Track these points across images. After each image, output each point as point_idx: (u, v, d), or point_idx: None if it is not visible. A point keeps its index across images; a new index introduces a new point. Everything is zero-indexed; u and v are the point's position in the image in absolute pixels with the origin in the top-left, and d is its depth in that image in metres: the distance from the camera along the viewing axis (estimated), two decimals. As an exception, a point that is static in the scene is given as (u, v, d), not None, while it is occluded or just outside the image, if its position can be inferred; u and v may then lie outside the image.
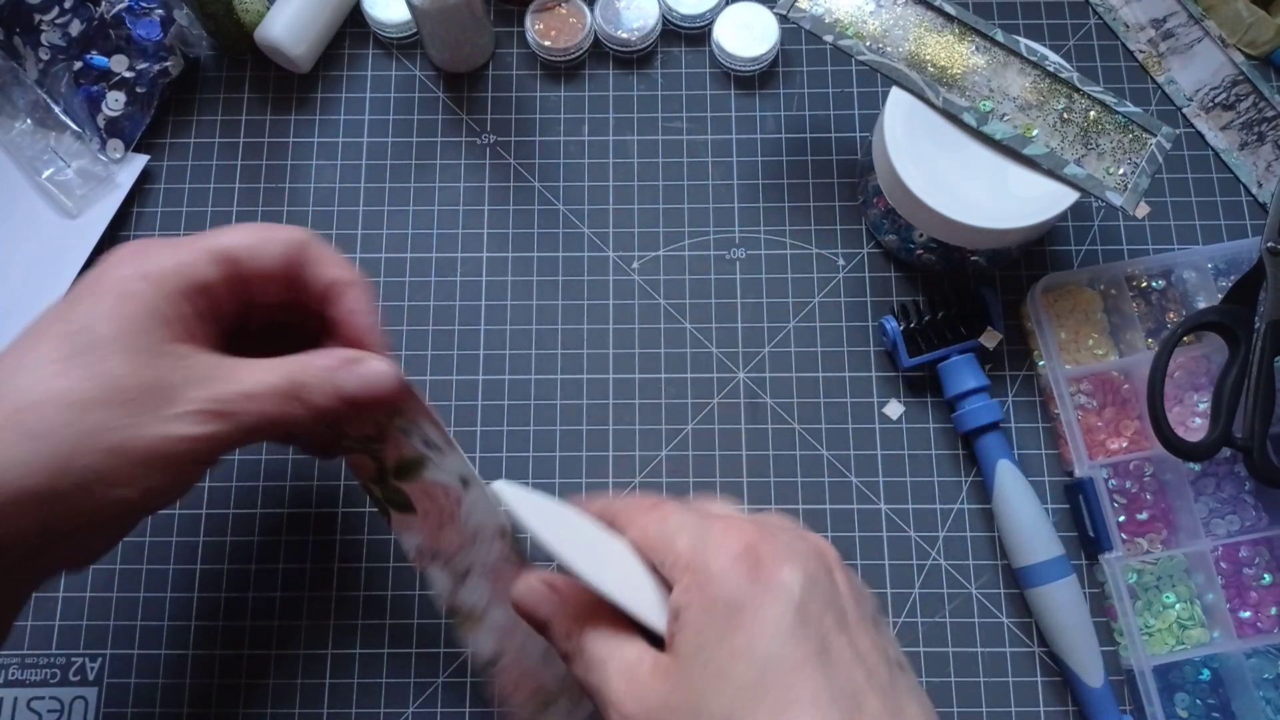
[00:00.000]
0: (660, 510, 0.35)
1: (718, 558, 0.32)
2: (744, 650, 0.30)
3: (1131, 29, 0.57)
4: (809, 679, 0.30)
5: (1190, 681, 0.47)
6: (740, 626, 0.31)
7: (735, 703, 0.30)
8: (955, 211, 0.46)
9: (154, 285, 0.34)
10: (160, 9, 0.54)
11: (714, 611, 0.31)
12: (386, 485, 0.40)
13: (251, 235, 0.37)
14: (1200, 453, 0.46)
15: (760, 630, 0.30)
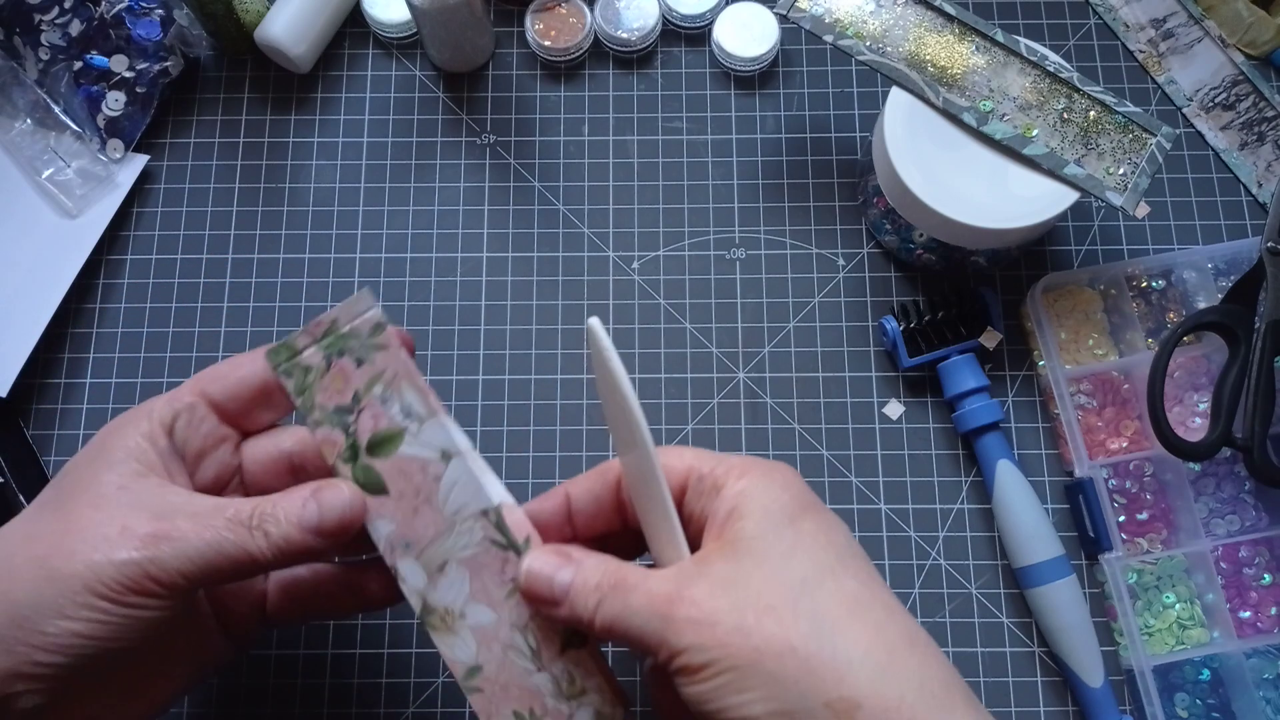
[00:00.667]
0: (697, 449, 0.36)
1: (782, 472, 0.34)
2: (820, 534, 0.32)
3: (1131, 29, 0.57)
4: (875, 572, 0.33)
5: (1190, 681, 0.47)
6: (810, 519, 0.33)
7: (819, 569, 0.31)
8: (955, 211, 0.46)
9: (137, 429, 0.35)
10: (160, 9, 0.54)
11: (780, 505, 0.33)
12: (358, 464, 0.37)
13: (225, 364, 0.38)
14: (1200, 453, 0.46)
15: (831, 526, 0.33)
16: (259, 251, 0.54)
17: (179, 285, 0.54)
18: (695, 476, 0.34)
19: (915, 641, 0.31)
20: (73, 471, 0.35)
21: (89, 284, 0.54)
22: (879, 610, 0.31)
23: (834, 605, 0.31)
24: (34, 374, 0.52)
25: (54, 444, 0.52)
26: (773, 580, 0.31)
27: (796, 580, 0.31)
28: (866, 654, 0.30)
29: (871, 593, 0.31)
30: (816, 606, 0.30)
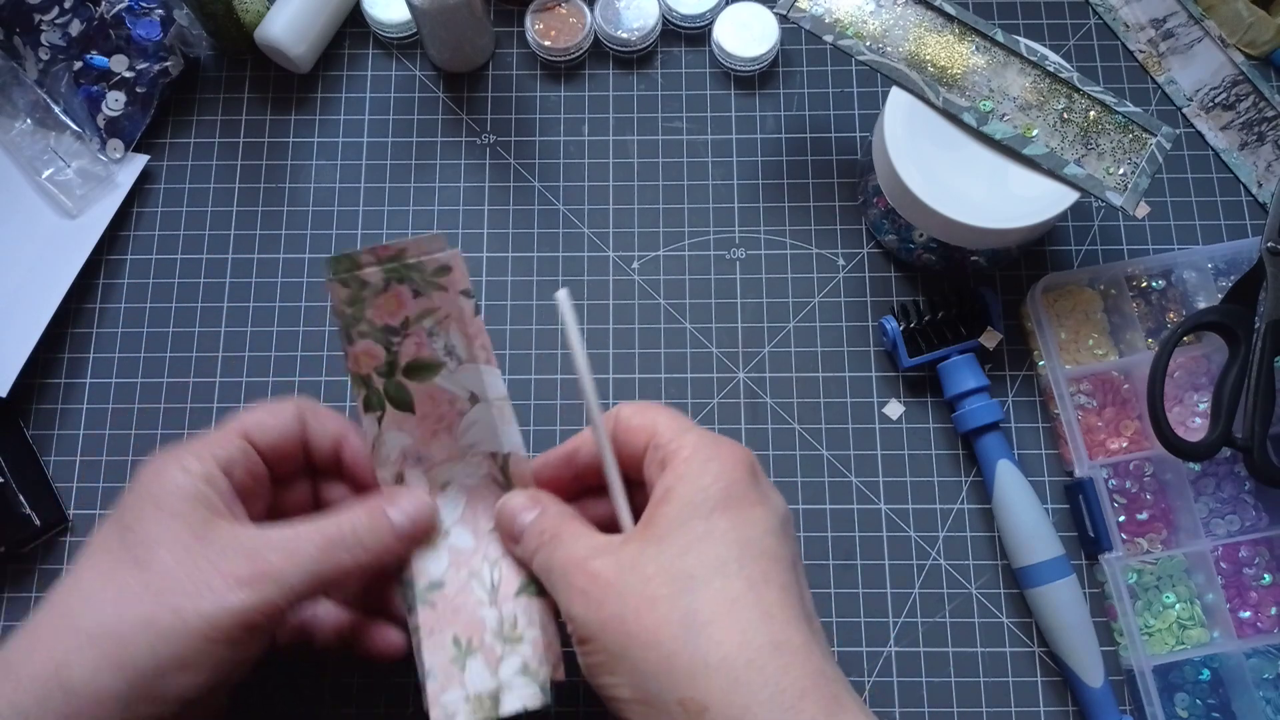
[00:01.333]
0: (673, 411, 0.38)
1: (723, 457, 0.35)
2: (730, 531, 0.33)
3: (1131, 29, 0.57)
4: (786, 573, 0.33)
5: (1190, 681, 0.47)
6: (729, 513, 0.34)
7: (710, 568, 0.32)
8: (955, 211, 0.46)
9: (189, 473, 0.36)
10: (160, 9, 0.54)
11: (708, 493, 0.34)
12: (392, 380, 0.39)
13: (264, 410, 0.39)
14: (1200, 453, 0.46)
15: (749, 522, 0.34)
16: (259, 251, 0.54)
17: (179, 285, 0.54)
18: (653, 445, 0.36)
19: (783, 648, 0.31)
20: (134, 524, 0.35)
21: (89, 284, 0.54)
22: (755, 614, 0.32)
23: (710, 605, 0.32)
24: (34, 374, 0.52)
25: (54, 444, 0.52)
26: (666, 572, 0.33)
27: (685, 575, 0.32)
28: (724, 659, 0.31)
29: (756, 595, 0.32)
30: (693, 604, 0.32)
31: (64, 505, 0.51)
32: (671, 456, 0.35)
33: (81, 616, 0.34)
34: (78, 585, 0.35)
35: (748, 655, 0.31)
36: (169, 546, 0.35)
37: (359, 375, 0.39)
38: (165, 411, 0.52)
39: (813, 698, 0.31)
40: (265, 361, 0.53)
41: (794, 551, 0.35)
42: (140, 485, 0.37)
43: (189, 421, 0.52)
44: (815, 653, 0.32)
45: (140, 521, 0.35)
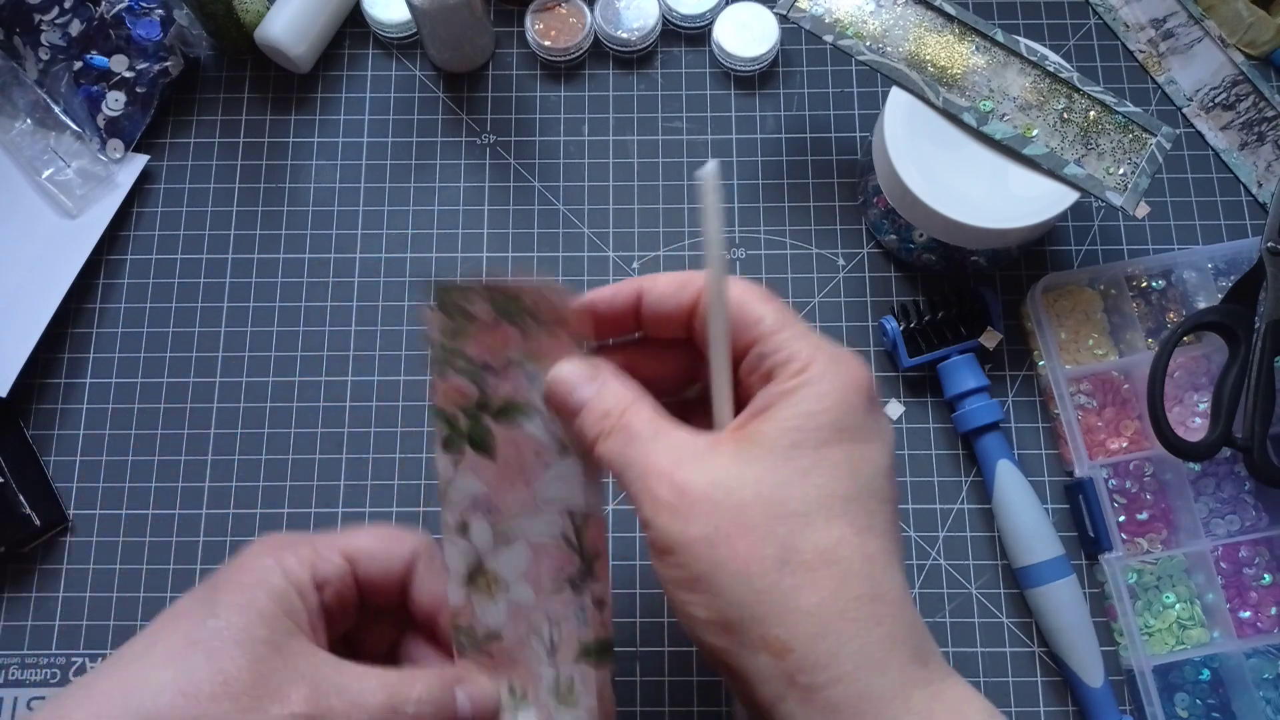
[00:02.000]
0: (782, 305, 0.34)
1: (840, 378, 0.32)
2: (840, 466, 0.31)
3: (1131, 29, 0.57)
4: (888, 513, 0.31)
5: (1190, 681, 0.47)
6: (842, 446, 0.31)
7: (815, 506, 0.30)
8: (955, 211, 0.46)
9: (287, 575, 0.34)
10: (160, 9, 0.54)
11: (819, 421, 0.31)
12: (479, 421, 0.36)
13: (379, 538, 0.37)
14: (1200, 453, 0.46)
15: (862, 458, 0.31)
16: (259, 251, 0.54)
17: (179, 285, 0.54)
18: (759, 347, 0.33)
19: (879, 599, 0.30)
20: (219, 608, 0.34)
21: (89, 284, 0.54)
22: (856, 563, 0.30)
23: (810, 547, 0.30)
24: (34, 374, 0.52)
25: (54, 444, 0.52)
26: (765, 500, 0.30)
27: (788, 511, 0.30)
28: (817, 606, 0.29)
29: (859, 542, 0.30)
30: (793, 543, 0.30)
31: (64, 505, 0.51)
32: (781, 366, 0.32)
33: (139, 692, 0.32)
34: (149, 652, 0.33)
35: (842, 604, 0.29)
36: (241, 647, 0.33)
37: (443, 412, 0.36)
38: (165, 411, 0.52)
39: (901, 650, 0.29)
40: (265, 361, 0.53)
41: (895, 490, 0.32)
42: (238, 568, 0.35)
43: (189, 421, 0.52)
44: (908, 604, 0.30)
45: (226, 608, 0.34)
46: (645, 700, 0.48)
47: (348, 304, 0.53)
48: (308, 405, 0.52)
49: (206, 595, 0.35)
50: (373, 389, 0.52)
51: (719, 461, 0.31)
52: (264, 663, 0.33)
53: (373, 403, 0.52)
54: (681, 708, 0.48)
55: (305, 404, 0.52)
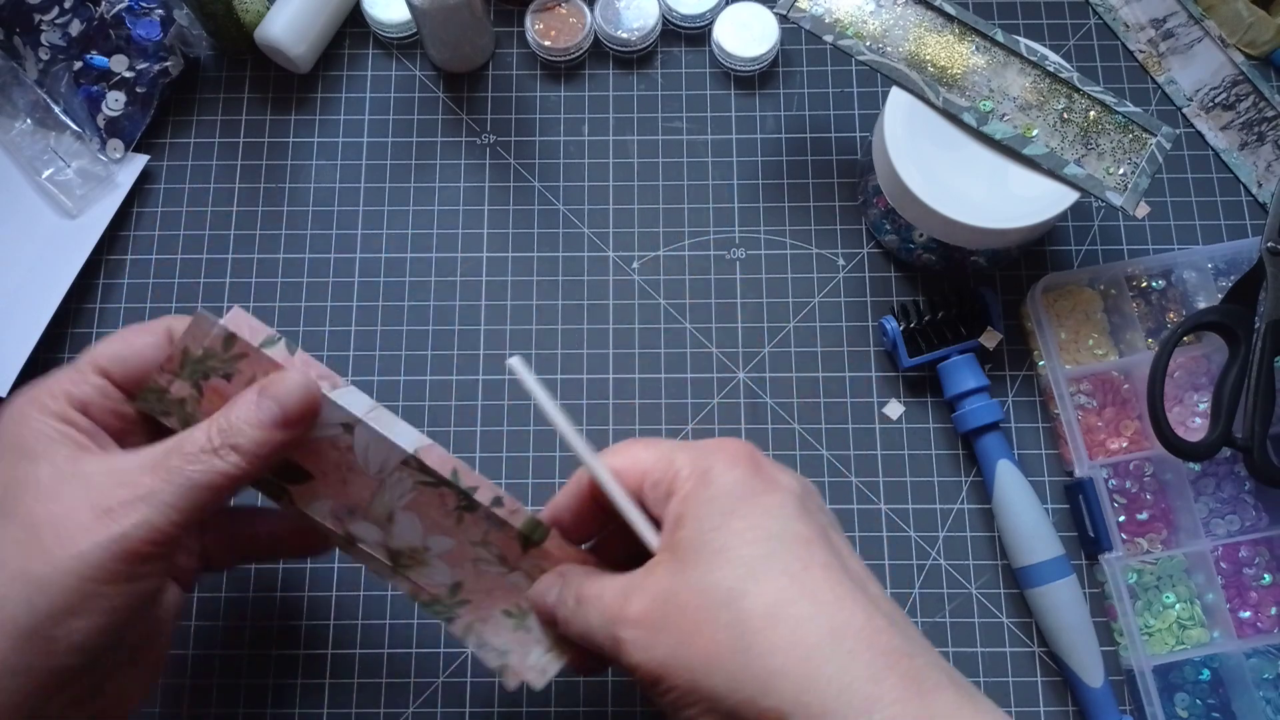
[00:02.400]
0: (650, 440, 0.36)
1: (719, 461, 0.33)
2: (749, 530, 0.32)
3: (1131, 29, 0.57)
4: (820, 550, 0.32)
5: (1190, 681, 0.47)
6: (743, 513, 0.32)
7: (742, 574, 0.31)
8: (955, 211, 0.46)
9: (44, 412, 0.34)
10: (160, 9, 0.54)
11: (716, 504, 0.32)
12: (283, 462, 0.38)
13: (123, 340, 0.37)
14: (1200, 453, 0.46)
15: (766, 513, 0.32)
16: (259, 251, 0.54)
17: (179, 285, 0.54)
18: (649, 482, 0.35)
19: (842, 634, 0.30)
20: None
21: (89, 284, 0.54)
22: (803, 607, 0.30)
23: (755, 614, 0.30)
24: (34, 374, 0.52)
25: (54, 444, 0.52)
26: (702, 594, 0.31)
27: (722, 590, 0.31)
28: (784, 665, 0.29)
29: (797, 588, 0.31)
30: (738, 617, 0.30)
31: (64, 505, 0.51)
32: (671, 483, 0.34)
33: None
34: None
35: (805, 652, 0.29)
36: (33, 491, 0.32)
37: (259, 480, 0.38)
38: (165, 411, 0.52)
39: (888, 682, 0.29)
40: (265, 361, 0.53)
41: (823, 524, 0.33)
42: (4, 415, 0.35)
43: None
44: (881, 628, 0.30)
45: (5, 470, 0.33)
46: (645, 699, 0.48)
47: (348, 304, 0.53)
48: (308, 405, 0.52)
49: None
50: (372, 389, 0.52)
51: (656, 578, 0.33)
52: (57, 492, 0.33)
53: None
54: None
55: (305, 404, 0.52)
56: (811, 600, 0.30)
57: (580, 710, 0.48)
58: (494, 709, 0.48)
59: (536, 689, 0.39)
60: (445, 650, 0.49)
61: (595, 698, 0.48)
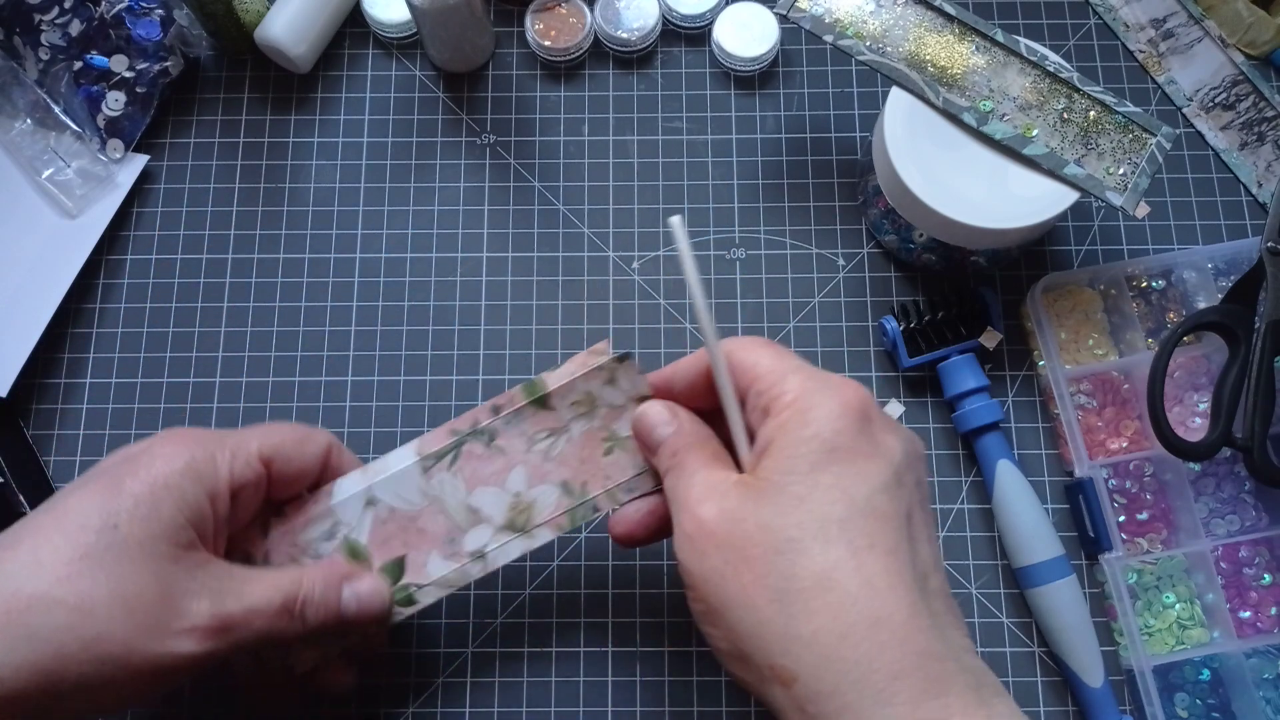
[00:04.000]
0: (778, 348, 0.35)
1: (827, 403, 0.32)
2: (832, 487, 0.31)
3: (1131, 29, 0.57)
4: (892, 531, 0.31)
5: (1190, 681, 0.47)
6: (834, 465, 0.31)
7: (810, 530, 0.30)
8: (955, 211, 0.46)
9: (201, 482, 0.34)
10: (160, 9, 0.54)
11: (809, 447, 0.31)
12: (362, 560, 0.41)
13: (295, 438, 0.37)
14: (1200, 453, 0.46)
15: (855, 477, 0.31)
16: (259, 251, 0.54)
17: (179, 285, 0.54)
18: (755, 389, 0.34)
19: (881, 624, 0.29)
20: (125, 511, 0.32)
21: (89, 284, 0.54)
22: (853, 586, 0.30)
23: (806, 574, 0.30)
24: (34, 374, 0.52)
25: (54, 444, 0.52)
26: (765, 530, 0.31)
27: (784, 539, 0.30)
28: (815, 635, 0.29)
29: (856, 563, 0.30)
30: (791, 570, 0.30)
31: (64, 505, 0.51)
32: (773, 403, 0.33)
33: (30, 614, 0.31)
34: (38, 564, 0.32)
35: (841, 630, 0.29)
36: (143, 561, 0.32)
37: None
38: (165, 411, 0.52)
39: (908, 680, 0.29)
40: (265, 361, 0.53)
41: (908, 504, 0.32)
42: (145, 465, 0.33)
43: (188, 422, 0.52)
44: (921, 628, 0.29)
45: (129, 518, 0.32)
46: (645, 700, 0.48)
47: (348, 304, 0.53)
48: (308, 406, 0.52)
49: (104, 493, 0.33)
50: (372, 389, 0.52)
51: (731, 497, 0.32)
52: (166, 577, 0.32)
53: (372, 403, 0.52)
54: (682, 708, 0.48)
55: (305, 404, 0.52)
56: (864, 581, 0.30)
57: (580, 710, 0.48)
58: (494, 709, 0.48)
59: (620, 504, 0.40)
60: (445, 650, 0.49)
61: (596, 698, 0.48)
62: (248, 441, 0.36)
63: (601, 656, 0.48)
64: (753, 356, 0.35)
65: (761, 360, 0.34)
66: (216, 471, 0.34)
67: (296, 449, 0.37)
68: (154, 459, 0.34)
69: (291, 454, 0.36)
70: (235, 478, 0.34)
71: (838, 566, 0.30)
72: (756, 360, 0.34)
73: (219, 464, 0.34)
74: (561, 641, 0.49)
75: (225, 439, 0.35)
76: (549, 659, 0.48)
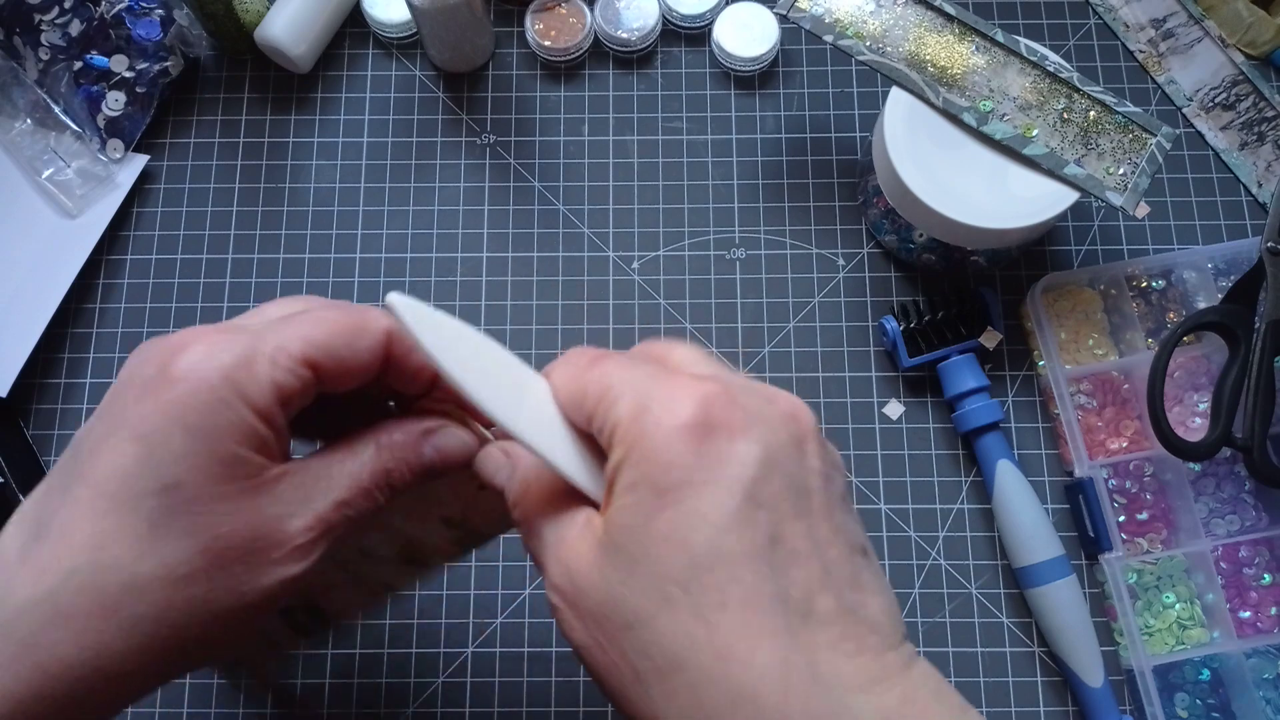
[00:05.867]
0: (602, 366, 0.29)
1: (660, 425, 0.26)
2: (672, 537, 0.25)
3: (1131, 29, 0.57)
4: (748, 576, 0.25)
5: (1190, 681, 0.47)
6: (671, 508, 0.25)
7: (654, 598, 0.25)
8: (955, 211, 0.46)
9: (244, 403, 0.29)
10: (160, 9, 0.54)
11: (638, 494, 0.26)
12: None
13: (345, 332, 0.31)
14: (1200, 453, 0.46)
15: (696, 514, 0.25)
16: (259, 251, 0.54)
17: (179, 285, 0.54)
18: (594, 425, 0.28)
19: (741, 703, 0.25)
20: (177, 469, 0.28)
21: (89, 284, 0.54)
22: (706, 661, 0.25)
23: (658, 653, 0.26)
24: (34, 374, 0.52)
25: (54, 444, 0.52)
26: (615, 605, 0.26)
27: (631, 613, 0.26)
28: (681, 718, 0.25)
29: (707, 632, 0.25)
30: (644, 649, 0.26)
31: (64, 505, 0.51)
32: (611, 435, 0.27)
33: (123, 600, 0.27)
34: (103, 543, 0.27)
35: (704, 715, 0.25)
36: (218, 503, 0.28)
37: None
38: (165, 411, 0.52)
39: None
40: (265, 361, 0.53)
41: (770, 526, 0.26)
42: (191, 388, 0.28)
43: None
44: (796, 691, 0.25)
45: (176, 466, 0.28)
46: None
47: (348, 304, 0.53)
48: (308, 405, 0.52)
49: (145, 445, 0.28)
50: (373, 389, 0.52)
51: (582, 559, 0.28)
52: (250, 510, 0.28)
53: (373, 403, 0.52)
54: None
55: (305, 404, 0.52)
56: (717, 654, 0.25)
57: (580, 710, 0.48)
58: (494, 709, 0.48)
59: None
60: (445, 650, 0.49)
61: (595, 698, 0.48)
62: (288, 341, 0.30)
63: (601, 656, 0.48)
64: (576, 384, 0.29)
65: (586, 387, 0.28)
66: (259, 384, 0.29)
67: (347, 346, 0.31)
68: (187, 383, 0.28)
69: (343, 353, 0.30)
70: (282, 388, 0.29)
71: (687, 641, 0.25)
72: (582, 387, 0.29)
73: (259, 375, 0.29)
74: (561, 641, 0.49)
75: (260, 339, 0.29)
76: (549, 659, 0.48)
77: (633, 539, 0.26)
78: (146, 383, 0.28)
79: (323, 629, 0.40)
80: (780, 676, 0.25)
